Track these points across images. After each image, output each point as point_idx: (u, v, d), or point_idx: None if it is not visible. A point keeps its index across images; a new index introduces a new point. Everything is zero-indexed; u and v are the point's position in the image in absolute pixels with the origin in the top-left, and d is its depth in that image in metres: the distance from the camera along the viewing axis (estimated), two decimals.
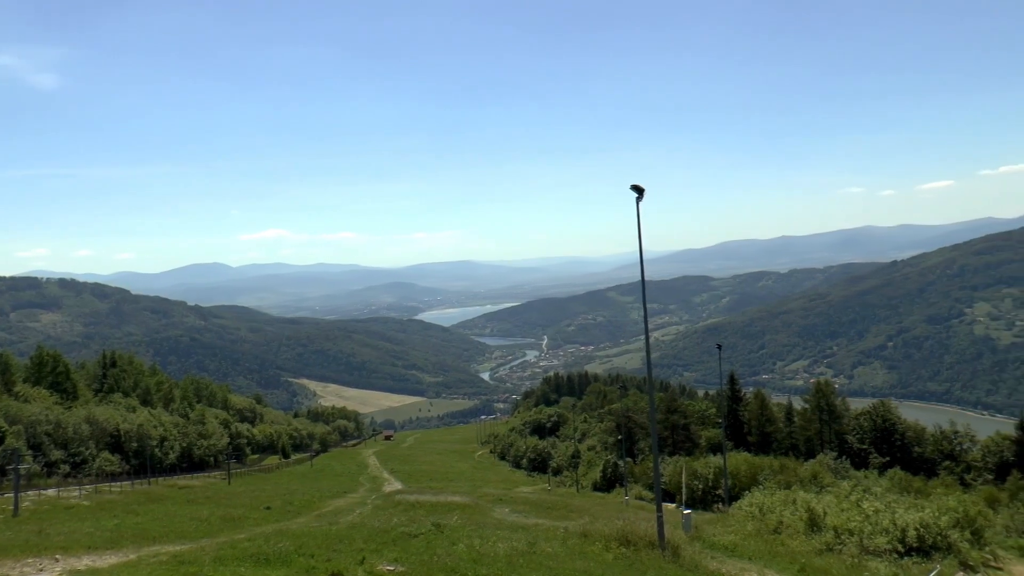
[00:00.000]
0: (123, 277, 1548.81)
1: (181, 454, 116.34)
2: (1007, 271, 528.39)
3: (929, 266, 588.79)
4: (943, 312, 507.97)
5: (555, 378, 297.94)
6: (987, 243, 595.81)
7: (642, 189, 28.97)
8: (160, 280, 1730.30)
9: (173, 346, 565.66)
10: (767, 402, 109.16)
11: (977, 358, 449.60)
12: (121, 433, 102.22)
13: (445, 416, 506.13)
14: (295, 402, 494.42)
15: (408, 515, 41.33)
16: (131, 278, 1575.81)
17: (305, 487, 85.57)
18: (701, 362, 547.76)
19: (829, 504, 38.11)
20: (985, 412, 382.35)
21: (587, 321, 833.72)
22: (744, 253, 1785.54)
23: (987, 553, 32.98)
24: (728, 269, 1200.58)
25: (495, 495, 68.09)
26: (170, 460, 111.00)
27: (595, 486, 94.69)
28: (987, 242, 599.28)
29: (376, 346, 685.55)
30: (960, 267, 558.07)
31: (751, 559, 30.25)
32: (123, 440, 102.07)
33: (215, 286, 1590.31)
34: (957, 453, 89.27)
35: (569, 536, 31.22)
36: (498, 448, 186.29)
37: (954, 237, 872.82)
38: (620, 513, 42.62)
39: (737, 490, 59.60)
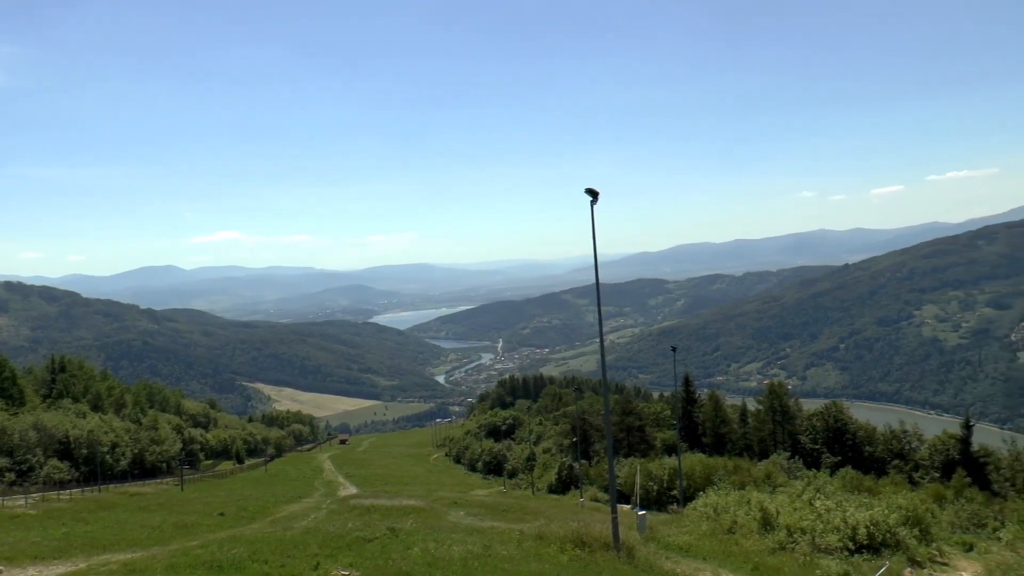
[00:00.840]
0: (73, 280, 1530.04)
1: (133, 460, 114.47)
2: (953, 274, 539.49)
3: (879, 269, 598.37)
4: (893, 314, 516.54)
5: (510, 381, 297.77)
6: (935, 247, 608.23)
7: (596, 193, 29.06)
8: (112, 283, 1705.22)
9: (125, 350, 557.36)
10: (721, 403, 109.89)
11: (925, 359, 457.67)
12: (70, 440, 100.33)
13: (400, 420, 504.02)
14: (250, 406, 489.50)
15: (363, 519, 41.06)
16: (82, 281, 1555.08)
17: (259, 492, 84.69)
18: (656, 364, 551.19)
19: (782, 504, 38.45)
20: (933, 412, 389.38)
21: (542, 324, 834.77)
22: (698, 256, 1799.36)
23: (934, 549, 33.52)
24: (683, 272, 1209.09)
25: (450, 498, 67.91)
26: (121, 467, 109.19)
27: (550, 488, 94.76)
28: (935, 246, 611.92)
29: (331, 349, 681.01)
30: (909, 270, 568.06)
31: (705, 559, 30.41)
32: (72, 447, 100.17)
33: (168, 289, 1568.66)
34: (906, 452, 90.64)
35: (524, 538, 31.19)
36: (453, 451, 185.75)
37: (903, 241, 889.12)
38: (575, 515, 42.66)
39: (692, 491, 59.95)
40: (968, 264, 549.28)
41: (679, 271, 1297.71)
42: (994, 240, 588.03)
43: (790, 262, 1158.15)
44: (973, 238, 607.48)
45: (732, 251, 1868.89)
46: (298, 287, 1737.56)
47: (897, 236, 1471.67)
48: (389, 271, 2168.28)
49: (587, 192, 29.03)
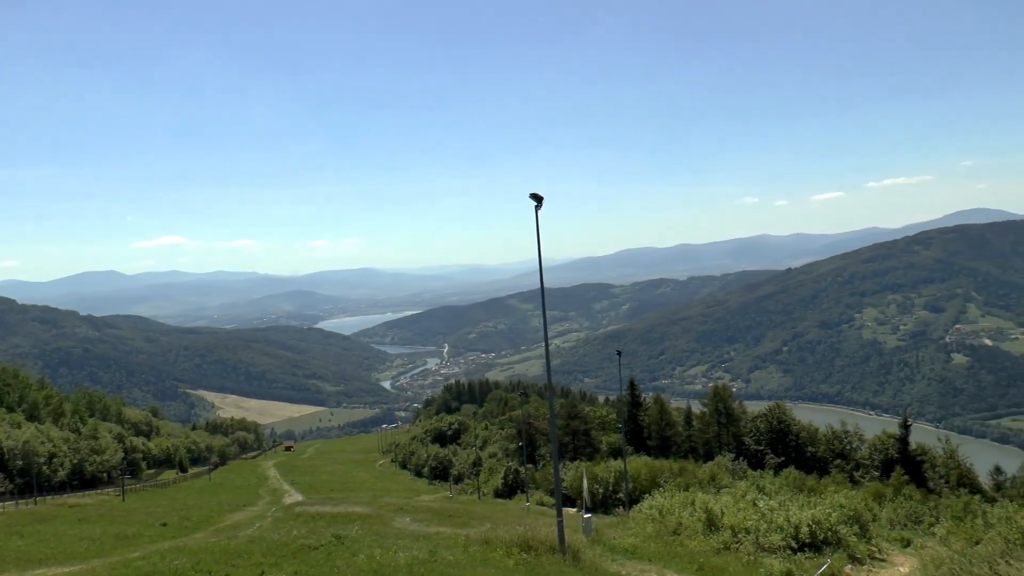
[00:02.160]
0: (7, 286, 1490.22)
1: (72, 471, 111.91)
2: (892, 278, 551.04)
3: (821, 273, 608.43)
4: (834, 317, 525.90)
5: (456, 386, 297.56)
6: (874, 251, 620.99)
7: (541, 197, 29.14)
8: (49, 289, 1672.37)
9: (64, 358, 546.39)
10: (667, 407, 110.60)
11: (865, 361, 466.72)
12: (4, 450, 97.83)
13: (346, 426, 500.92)
14: (193, 414, 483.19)
15: (308, 527, 40.71)
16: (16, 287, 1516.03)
17: (203, 501, 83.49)
18: (602, 368, 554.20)
19: (726, 504, 38.82)
20: (873, 412, 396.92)
21: (488, 329, 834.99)
22: (643, 261, 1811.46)
23: (873, 546, 34.14)
24: (628, 276, 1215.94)
25: (396, 504, 67.56)
26: (59, 477, 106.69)
27: (497, 493, 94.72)
28: (874, 251, 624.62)
29: (276, 355, 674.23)
30: (850, 274, 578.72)
31: (651, 560, 30.61)
32: (6, 458, 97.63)
33: (108, 295, 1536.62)
34: (847, 452, 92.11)
35: (470, 543, 31.16)
36: (399, 457, 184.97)
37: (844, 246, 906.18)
38: (522, 519, 42.74)
39: (637, 493, 60.21)
40: (906, 268, 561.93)
41: (624, 276, 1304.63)
42: (930, 245, 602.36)
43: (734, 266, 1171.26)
44: (910, 243, 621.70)
45: (677, 256, 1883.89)
46: (242, 293, 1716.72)
47: (838, 241, 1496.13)
48: (334, 276, 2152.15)
49: (532, 197, 29.10)
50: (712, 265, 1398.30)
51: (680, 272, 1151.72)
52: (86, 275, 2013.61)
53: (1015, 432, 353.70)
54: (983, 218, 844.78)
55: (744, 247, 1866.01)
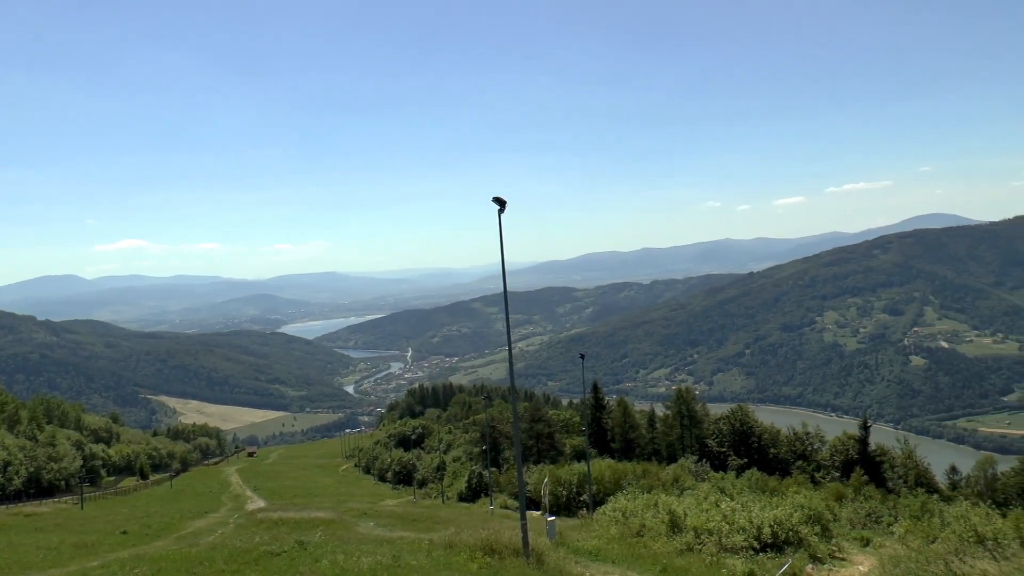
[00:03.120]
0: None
1: (28, 479, 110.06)
2: (852, 282, 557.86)
3: (783, 277, 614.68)
4: (796, 320, 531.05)
5: (420, 390, 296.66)
6: (835, 256, 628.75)
7: (504, 201, 29.13)
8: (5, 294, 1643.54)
9: (21, 364, 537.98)
10: (630, 409, 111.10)
11: (826, 363, 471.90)
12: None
13: (309, 431, 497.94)
14: (154, 420, 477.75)
15: (271, 533, 40.46)
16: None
17: (164, 508, 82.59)
18: (565, 371, 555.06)
19: (689, 506, 39.00)
20: (833, 414, 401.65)
21: (452, 332, 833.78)
22: (607, 264, 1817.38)
23: (833, 545, 34.48)
24: (591, 280, 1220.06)
25: (360, 509, 67.33)
26: (15, 486, 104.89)
27: (461, 497, 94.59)
28: (834, 255, 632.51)
29: (239, 360, 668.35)
30: (811, 278, 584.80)
31: (614, 562, 30.72)
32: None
33: (68, 299, 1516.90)
34: (808, 453, 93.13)
35: (434, 548, 31.09)
36: (363, 462, 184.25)
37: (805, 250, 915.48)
38: (485, 523, 42.71)
39: (601, 496, 60.42)
40: (865, 272, 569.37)
41: (588, 279, 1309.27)
42: (888, 249, 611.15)
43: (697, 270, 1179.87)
44: (870, 247, 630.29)
45: (640, 259, 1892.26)
46: (205, 297, 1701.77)
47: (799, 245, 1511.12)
48: (298, 280, 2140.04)
49: (495, 201, 29.08)
50: (675, 269, 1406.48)
51: (643, 276, 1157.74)
52: (44, 279, 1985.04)
53: (969, 432, 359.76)
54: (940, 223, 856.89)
55: (707, 251, 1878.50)
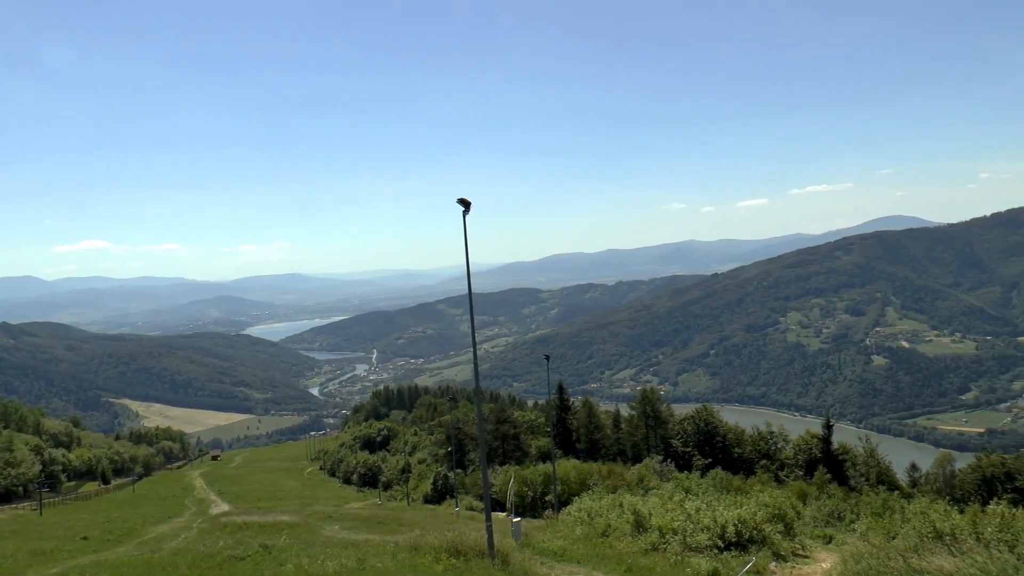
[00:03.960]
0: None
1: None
2: (815, 283, 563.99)
3: (747, 278, 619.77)
4: (760, 321, 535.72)
5: (385, 392, 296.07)
6: (798, 257, 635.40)
7: (469, 203, 29.11)
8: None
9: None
10: (595, 410, 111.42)
11: (790, 363, 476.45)
12: None
13: (274, 433, 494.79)
14: (117, 423, 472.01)
15: (235, 537, 40.18)
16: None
17: (126, 513, 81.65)
18: (531, 372, 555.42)
19: (654, 506, 39.16)
20: (797, 413, 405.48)
21: (417, 334, 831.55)
22: (572, 266, 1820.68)
23: (797, 543, 34.75)
24: (556, 281, 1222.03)
25: (325, 512, 66.98)
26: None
27: (426, 499, 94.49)
28: (798, 256, 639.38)
29: (203, 363, 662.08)
30: (775, 279, 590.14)
31: (579, 562, 30.81)
32: None
33: (27, 301, 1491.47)
34: (772, 452, 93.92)
35: (399, 550, 31.01)
36: (328, 464, 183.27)
37: (769, 251, 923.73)
38: (451, 524, 42.66)
39: (567, 496, 60.61)
40: (828, 273, 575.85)
41: (553, 280, 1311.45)
42: (850, 251, 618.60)
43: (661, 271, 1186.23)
44: (832, 249, 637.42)
45: (605, 261, 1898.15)
46: (168, 298, 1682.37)
47: (763, 246, 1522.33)
48: (262, 281, 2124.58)
49: (459, 202, 29.05)
50: (640, 270, 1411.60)
51: (608, 277, 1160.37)
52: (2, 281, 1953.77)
53: (929, 430, 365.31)
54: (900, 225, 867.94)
55: (672, 252, 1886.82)
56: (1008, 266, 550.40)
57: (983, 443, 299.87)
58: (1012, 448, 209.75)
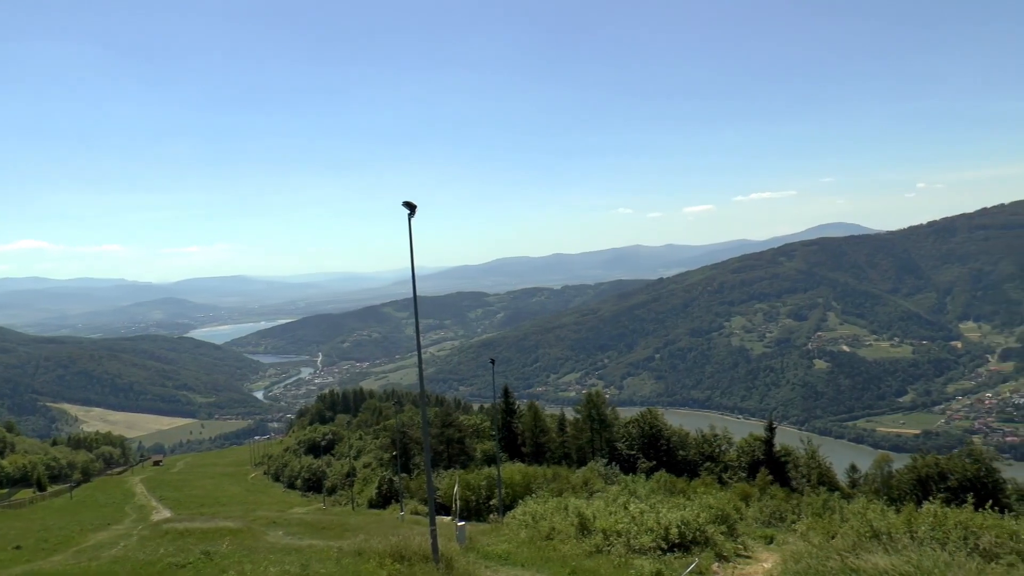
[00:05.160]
0: None
1: None
2: (758, 288, 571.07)
3: (692, 283, 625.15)
4: (705, 325, 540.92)
5: (330, 395, 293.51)
6: (742, 262, 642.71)
7: (414, 205, 29.06)
8: None
9: None
10: (541, 414, 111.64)
11: (734, 367, 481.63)
12: None
13: (218, 438, 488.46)
14: (54, 428, 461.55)
15: (176, 544, 39.66)
16: None
17: (63, 521, 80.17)
18: (477, 376, 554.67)
19: (599, 508, 39.35)
20: (740, 416, 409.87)
21: (362, 337, 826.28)
22: (518, 270, 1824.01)
23: (739, 544, 35.22)
24: (503, 285, 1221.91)
25: (269, 518, 66.38)
26: None
27: (371, 503, 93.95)
28: (742, 262, 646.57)
29: (145, 366, 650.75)
30: (719, 284, 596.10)
31: (524, 565, 30.89)
32: None
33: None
34: (716, 455, 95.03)
35: (343, 555, 30.89)
36: (272, 469, 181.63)
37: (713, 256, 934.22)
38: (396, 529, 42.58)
39: (512, 500, 60.61)
40: (771, 279, 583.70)
41: (499, 284, 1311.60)
42: (793, 257, 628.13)
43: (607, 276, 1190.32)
44: (775, 255, 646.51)
45: (551, 265, 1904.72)
46: (109, 300, 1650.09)
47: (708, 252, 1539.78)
48: (206, 283, 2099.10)
49: (404, 205, 28.97)
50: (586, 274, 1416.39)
51: (554, 281, 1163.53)
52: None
53: (868, 432, 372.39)
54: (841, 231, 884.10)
55: (618, 257, 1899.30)
56: (943, 273, 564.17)
57: (919, 444, 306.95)
58: (945, 449, 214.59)
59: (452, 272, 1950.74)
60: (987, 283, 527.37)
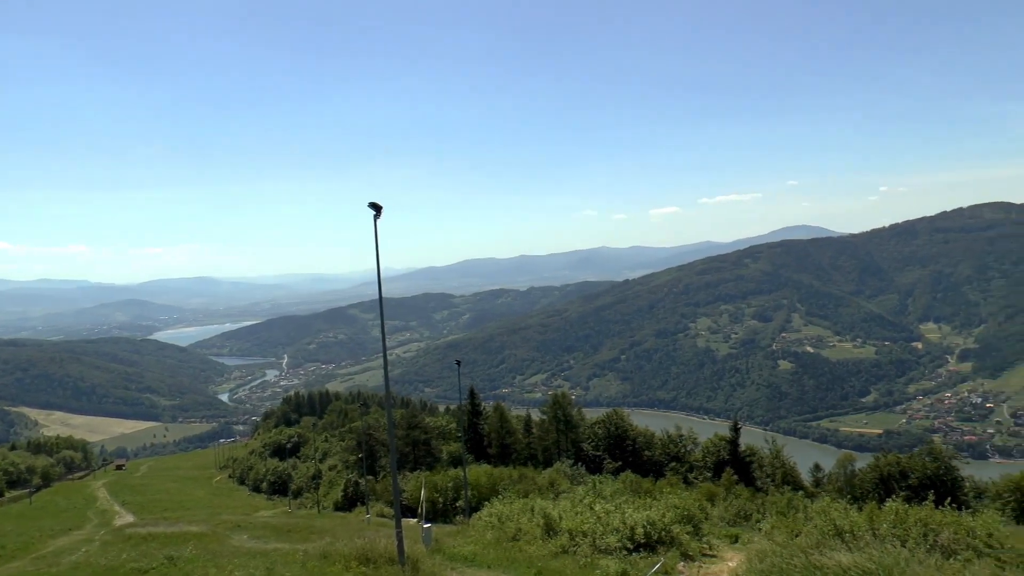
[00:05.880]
0: None
1: None
2: (724, 290, 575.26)
3: (658, 285, 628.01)
4: (670, 327, 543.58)
5: (296, 398, 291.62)
6: (707, 264, 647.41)
7: (380, 207, 28.95)
8: None
9: None
10: (506, 415, 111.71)
11: (699, 368, 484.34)
12: None
13: (182, 441, 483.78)
14: (13, 433, 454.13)
15: (139, 549, 39.21)
16: None
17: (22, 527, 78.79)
18: (443, 378, 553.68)
19: (564, 509, 39.44)
20: (706, 416, 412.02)
21: (328, 339, 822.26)
22: (484, 271, 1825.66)
23: (704, 543, 35.47)
24: (469, 287, 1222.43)
25: (234, 521, 65.77)
26: None
27: (337, 506, 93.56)
28: (707, 264, 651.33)
29: (108, 368, 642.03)
30: (685, 286, 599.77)
31: (490, 567, 30.89)
32: None
33: None
34: (682, 455, 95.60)
35: (309, 559, 30.72)
36: (237, 472, 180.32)
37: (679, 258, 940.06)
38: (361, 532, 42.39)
39: (478, 501, 60.61)
40: (737, 280, 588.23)
41: (465, 286, 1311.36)
42: (758, 259, 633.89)
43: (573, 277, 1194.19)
44: (741, 257, 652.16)
45: (517, 266, 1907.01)
46: (72, 302, 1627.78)
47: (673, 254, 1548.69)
48: (170, 285, 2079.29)
49: (370, 206, 28.87)
50: (552, 276, 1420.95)
51: (521, 282, 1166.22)
52: None
53: (832, 432, 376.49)
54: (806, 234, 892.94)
55: (584, 259, 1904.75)
56: (904, 275, 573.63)
57: (881, 443, 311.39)
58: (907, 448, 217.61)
59: (419, 273, 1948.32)
60: (947, 285, 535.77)
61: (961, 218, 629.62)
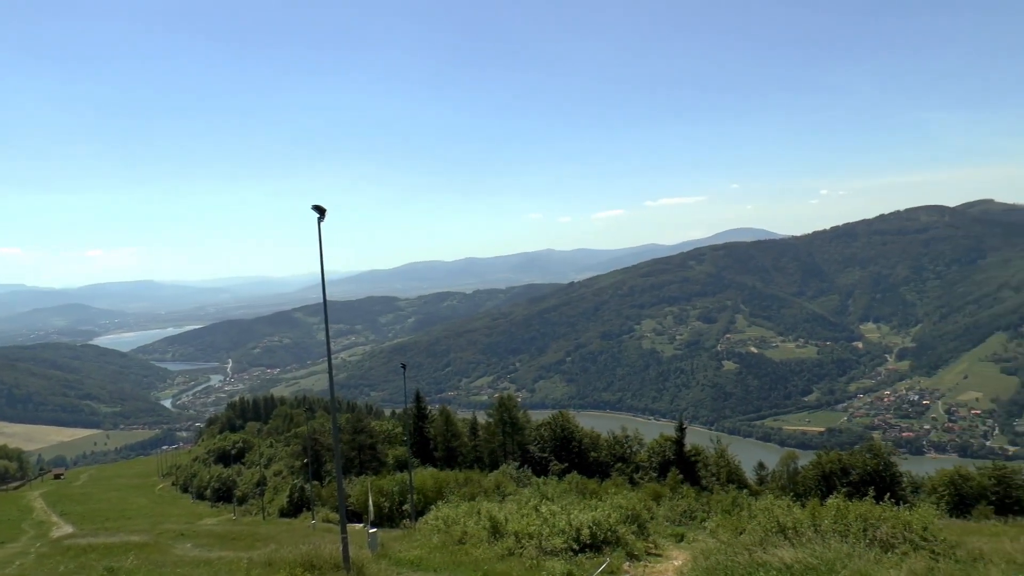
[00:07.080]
0: None
1: None
2: (668, 291, 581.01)
3: (602, 287, 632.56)
4: (615, 329, 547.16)
5: (240, 403, 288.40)
6: (652, 267, 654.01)
7: (324, 209, 28.80)
8: None
9: None
10: (452, 418, 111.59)
11: (644, 369, 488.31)
12: None
13: (124, 449, 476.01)
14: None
15: (78, 561, 38.47)
16: None
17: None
18: (388, 381, 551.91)
19: (511, 511, 39.46)
20: (652, 417, 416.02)
21: (273, 343, 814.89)
22: (430, 274, 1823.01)
23: (650, 542, 35.72)
24: (414, 290, 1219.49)
25: (177, 530, 64.87)
26: None
27: (282, 512, 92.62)
28: (652, 266, 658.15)
29: (45, 375, 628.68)
30: (630, 288, 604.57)
31: (436, 570, 30.80)
32: None
33: None
34: (628, 456, 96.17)
35: (253, 566, 30.40)
36: (181, 480, 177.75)
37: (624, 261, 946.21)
38: (307, 538, 42.02)
39: (424, 505, 60.43)
40: (681, 282, 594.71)
41: (410, 288, 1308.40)
42: (703, 261, 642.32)
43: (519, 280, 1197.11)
44: (685, 259, 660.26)
45: (463, 269, 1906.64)
46: (7, 306, 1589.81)
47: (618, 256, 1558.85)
48: (111, 288, 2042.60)
49: (314, 208, 28.71)
50: (498, 279, 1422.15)
51: (466, 285, 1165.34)
52: None
53: (775, 431, 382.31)
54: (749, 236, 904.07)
55: (529, 261, 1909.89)
56: (845, 276, 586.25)
57: (823, 441, 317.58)
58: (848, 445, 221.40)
59: (363, 276, 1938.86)
60: (885, 286, 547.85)
61: (898, 220, 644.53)
